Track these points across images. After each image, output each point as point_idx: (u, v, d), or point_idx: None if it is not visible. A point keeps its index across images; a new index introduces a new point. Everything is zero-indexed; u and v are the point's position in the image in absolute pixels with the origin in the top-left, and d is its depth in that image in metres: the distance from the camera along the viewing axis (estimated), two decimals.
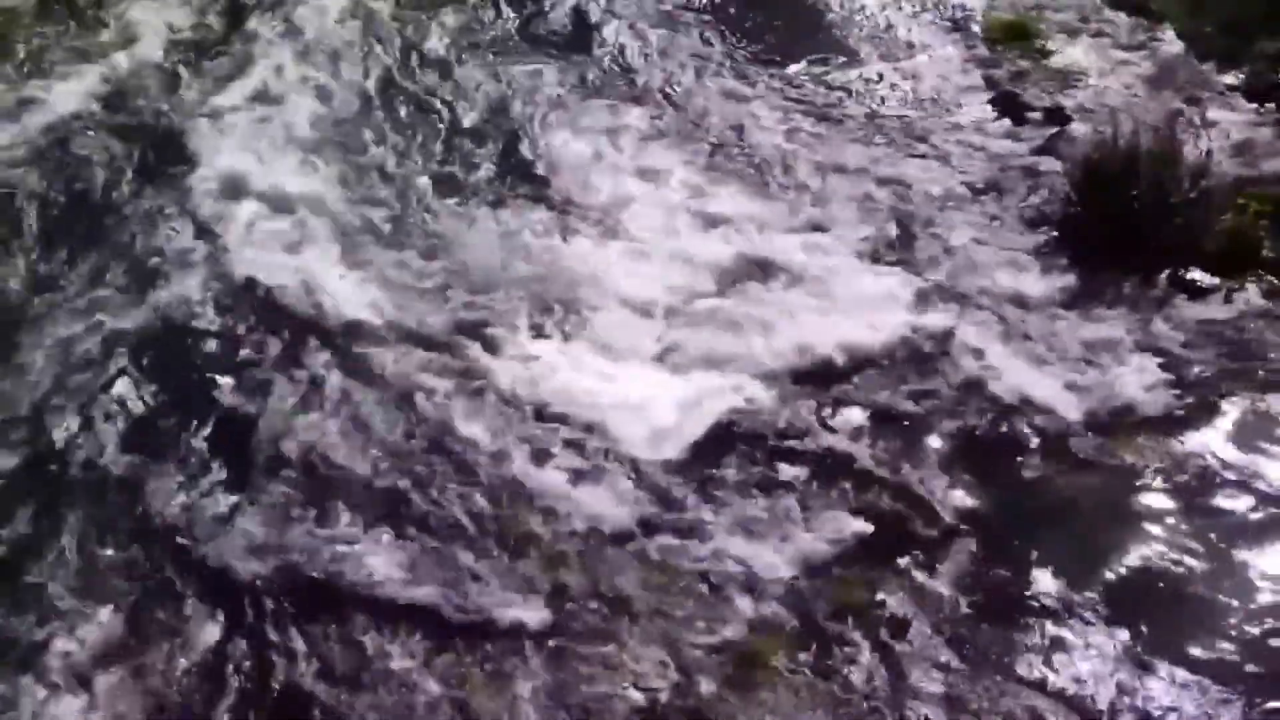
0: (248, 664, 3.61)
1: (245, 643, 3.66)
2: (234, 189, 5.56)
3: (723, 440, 4.30)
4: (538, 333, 4.78)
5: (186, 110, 6.14)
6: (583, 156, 5.78)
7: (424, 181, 5.66)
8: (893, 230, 5.27)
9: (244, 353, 4.71)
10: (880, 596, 3.75)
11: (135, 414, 4.46)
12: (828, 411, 4.40)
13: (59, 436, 4.36)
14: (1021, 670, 3.53)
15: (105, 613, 3.76)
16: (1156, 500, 4.04)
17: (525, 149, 5.88)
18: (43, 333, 4.81)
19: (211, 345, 4.76)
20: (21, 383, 4.58)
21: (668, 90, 6.31)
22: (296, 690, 3.54)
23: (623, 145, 5.85)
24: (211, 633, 3.70)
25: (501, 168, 5.78)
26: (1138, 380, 4.46)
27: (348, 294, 4.95)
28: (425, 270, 5.11)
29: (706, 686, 3.51)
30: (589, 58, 6.61)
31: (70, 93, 6.21)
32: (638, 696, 3.49)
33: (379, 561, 3.87)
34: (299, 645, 3.65)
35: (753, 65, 6.55)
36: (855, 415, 4.39)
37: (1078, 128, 5.70)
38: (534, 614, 3.71)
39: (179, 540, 3.98)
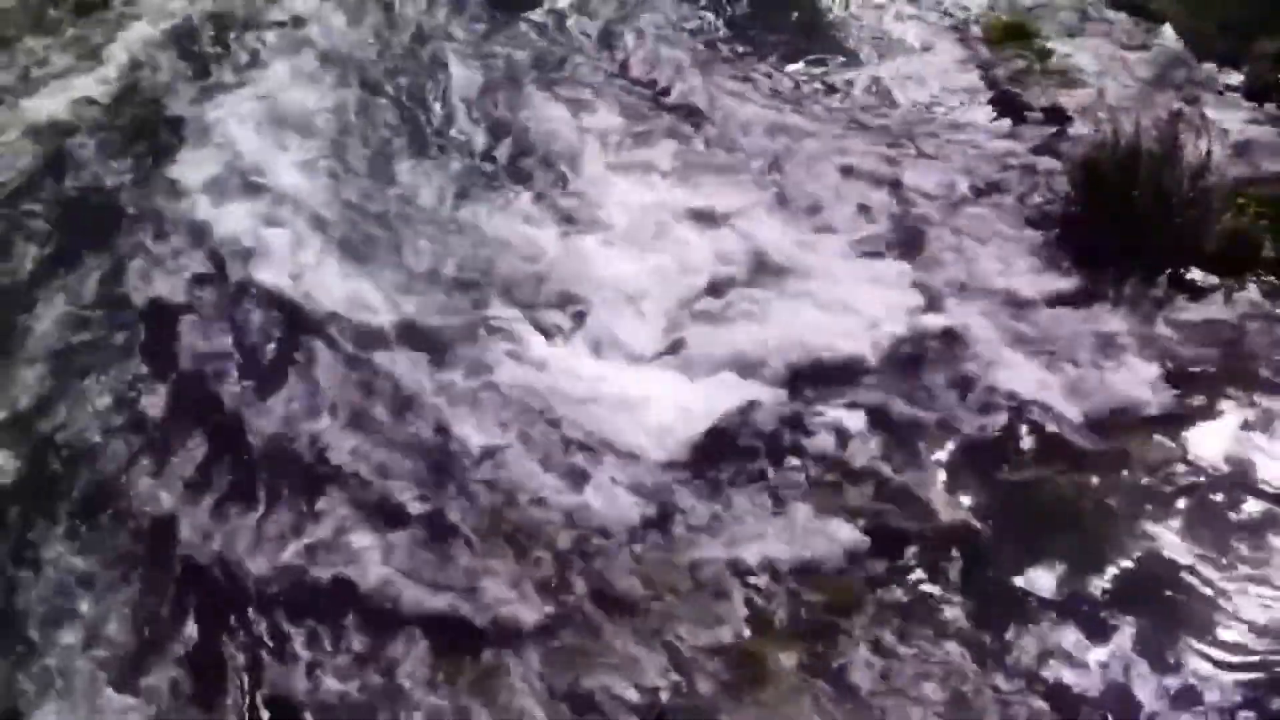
0: (247, 663, 3.61)
1: (244, 642, 3.66)
2: (233, 187, 5.56)
3: (723, 440, 4.30)
4: (538, 332, 4.78)
5: (186, 108, 6.14)
6: (583, 156, 5.78)
7: (424, 180, 5.66)
8: (893, 230, 5.27)
9: (243, 351, 4.71)
10: (880, 596, 3.75)
11: (134, 413, 4.46)
12: (828, 411, 4.40)
13: (58, 436, 4.36)
14: (1021, 670, 3.53)
15: (103, 612, 3.76)
16: (1156, 500, 4.03)
17: (525, 148, 5.87)
18: (41, 332, 4.81)
19: (210, 344, 4.75)
20: (20, 382, 4.58)
21: (669, 91, 6.31)
22: (295, 689, 3.54)
23: (624, 146, 5.85)
24: (210, 632, 3.70)
25: (501, 167, 5.78)
26: (1138, 380, 4.45)
27: (348, 293, 4.95)
28: (425, 269, 5.11)
29: (706, 686, 3.51)
30: (589, 58, 6.61)
31: (69, 90, 6.22)
32: (638, 696, 3.49)
33: (379, 561, 3.87)
34: (298, 645, 3.65)
35: (753, 65, 6.55)
36: (855, 414, 4.38)
37: (1078, 128, 5.70)
38: (534, 613, 3.71)
39: (178, 540, 3.98)
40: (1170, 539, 3.90)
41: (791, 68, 6.51)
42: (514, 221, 5.39)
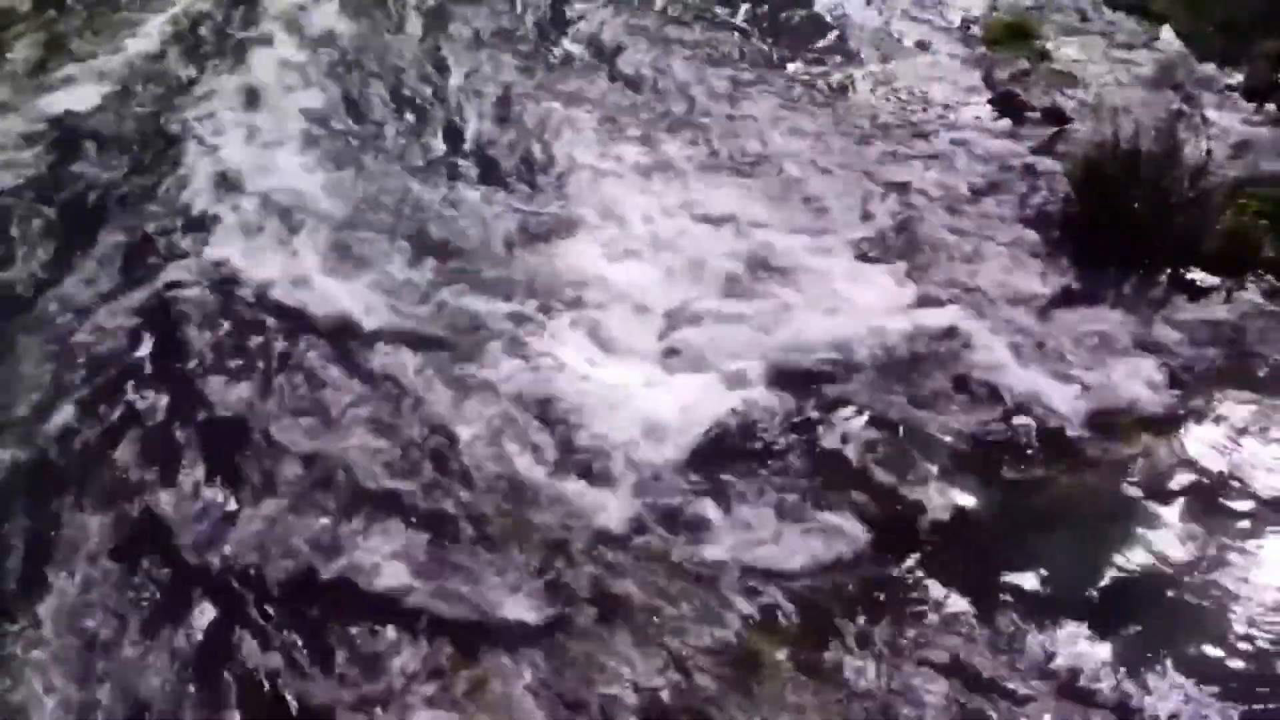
0: (246, 664, 3.60)
1: (244, 642, 3.65)
2: (232, 187, 5.57)
3: (723, 440, 4.30)
4: (538, 332, 4.78)
5: (184, 108, 6.14)
6: (583, 156, 5.78)
7: (423, 179, 5.66)
8: (892, 230, 5.27)
9: (242, 352, 4.71)
10: (880, 596, 3.75)
11: (133, 413, 4.45)
12: (827, 411, 4.40)
13: (57, 435, 4.35)
14: (1021, 670, 3.53)
15: (103, 613, 3.76)
16: (1156, 500, 4.03)
17: (526, 148, 5.88)
18: (41, 332, 4.81)
19: (209, 344, 4.75)
20: (19, 382, 4.58)
21: (668, 90, 6.31)
22: (294, 690, 3.54)
23: (622, 144, 5.85)
24: (210, 633, 3.69)
25: (501, 167, 5.78)
26: (1138, 380, 4.45)
27: (347, 293, 4.95)
28: (424, 269, 5.11)
29: (706, 686, 3.50)
30: (590, 57, 6.62)
31: (68, 91, 6.23)
32: (638, 696, 3.49)
33: (378, 561, 3.87)
34: (298, 645, 3.64)
35: (753, 65, 6.55)
36: (855, 415, 4.38)
37: (1078, 128, 5.70)
38: (534, 613, 3.70)
39: (176, 540, 3.98)
40: (1170, 539, 3.90)
41: (791, 68, 6.51)
42: (513, 222, 5.40)
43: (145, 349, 4.73)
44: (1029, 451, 4.25)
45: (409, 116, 6.11)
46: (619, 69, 6.49)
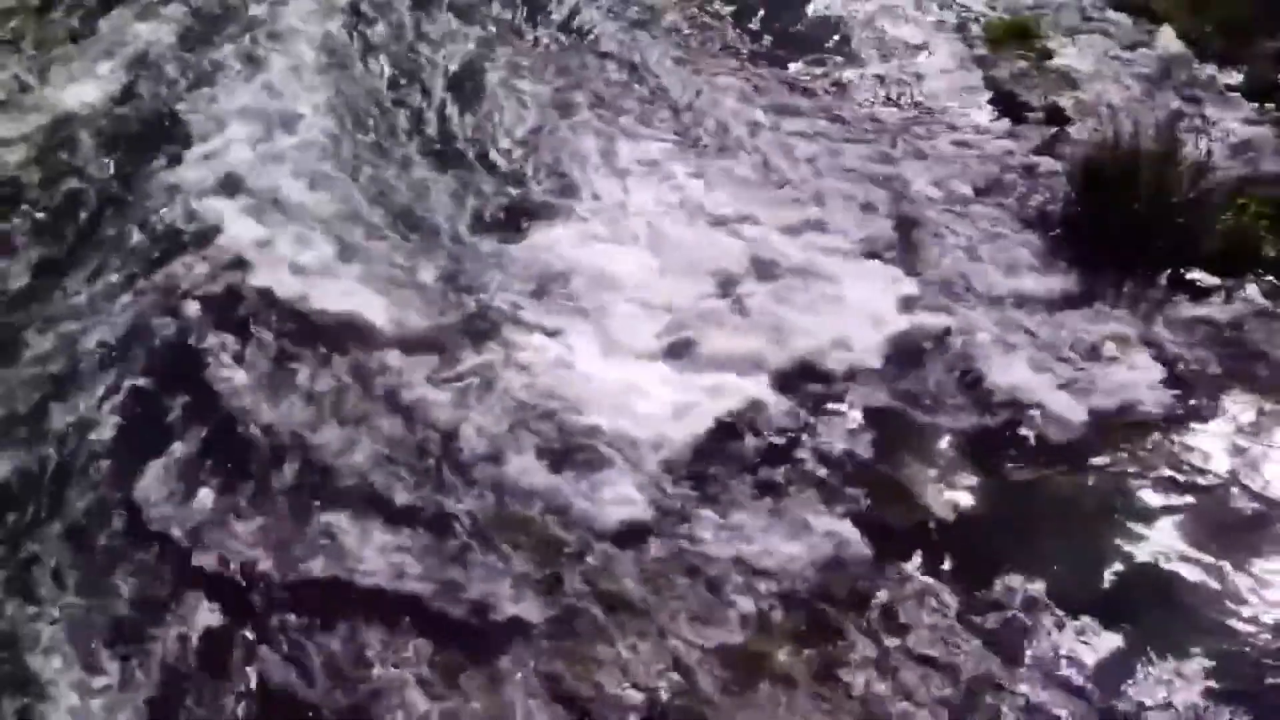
0: (246, 663, 3.61)
1: (243, 642, 3.66)
2: (233, 186, 5.56)
3: (723, 440, 4.30)
4: (538, 331, 4.78)
5: (185, 107, 6.13)
6: (583, 155, 5.78)
7: (425, 179, 5.66)
8: (892, 230, 5.27)
9: (243, 351, 4.71)
10: (880, 596, 3.75)
11: (134, 412, 4.45)
12: (828, 411, 4.40)
13: (57, 435, 4.35)
14: (1021, 670, 3.53)
15: (103, 612, 3.76)
16: (1156, 500, 4.04)
17: (525, 148, 5.87)
18: (41, 331, 4.81)
19: (209, 344, 4.75)
20: (19, 381, 4.58)
21: (668, 90, 6.31)
22: (294, 689, 3.54)
23: (623, 145, 5.85)
24: (210, 632, 3.69)
25: (502, 166, 5.78)
26: (1138, 380, 4.46)
27: (348, 292, 4.95)
28: (426, 268, 5.11)
29: (706, 686, 3.51)
30: (590, 57, 6.61)
31: (69, 89, 6.22)
32: (637, 696, 3.49)
33: (378, 560, 3.87)
34: (297, 644, 3.65)
35: (753, 65, 6.55)
36: (855, 415, 4.39)
37: (1078, 128, 5.70)
38: (533, 613, 3.71)
39: (177, 539, 3.98)
40: (1170, 539, 3.90)
41: (792, 68, 6.51)
42: (513, 221, 5.39)
43: (146, 345, 4.73)
44: (1029, 451, 4.25)
45: (411, 115, 6.11)
46: (621, 70, 6.48)
